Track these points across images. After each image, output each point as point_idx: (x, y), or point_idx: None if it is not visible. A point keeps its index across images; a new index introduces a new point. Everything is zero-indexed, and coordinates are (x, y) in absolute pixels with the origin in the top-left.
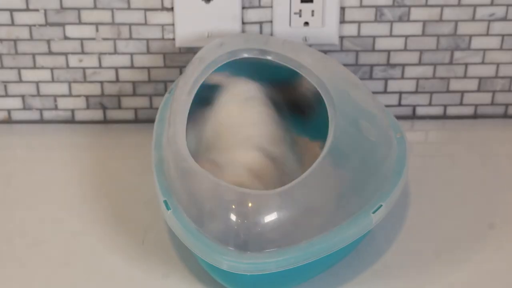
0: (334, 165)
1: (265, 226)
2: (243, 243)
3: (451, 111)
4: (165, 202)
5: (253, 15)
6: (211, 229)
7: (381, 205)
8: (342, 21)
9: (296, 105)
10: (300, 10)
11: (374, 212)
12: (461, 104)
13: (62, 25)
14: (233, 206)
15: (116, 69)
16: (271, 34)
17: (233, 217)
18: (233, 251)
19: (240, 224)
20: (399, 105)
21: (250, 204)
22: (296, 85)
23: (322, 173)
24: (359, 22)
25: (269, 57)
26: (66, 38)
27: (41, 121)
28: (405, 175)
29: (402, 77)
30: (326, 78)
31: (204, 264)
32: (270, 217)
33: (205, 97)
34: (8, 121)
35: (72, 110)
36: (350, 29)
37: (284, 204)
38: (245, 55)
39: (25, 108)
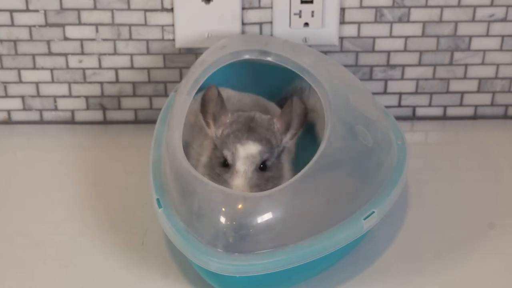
0: (326, 170)
1: (253, 228)
2: (232, 245)
3: (451, 112)
4: (158, 200)
5: (253, 15)
6: (200, 230)
7: (373, 212)
8: (342, 21)
9: None
10: (300, 11)
11: (365, 219)
12: (461, 105)
13: (62, 25)
14: (223, 208)
15: (116, 69)
16: (271, 35)
17: (221, 218)
18: (221, 252)
19: (229, 226)
20: (399, 106)
21: (239, 206)
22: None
23: (313, 177)
24: (359, 23)
25: (269, 58)
26: (66, 38)
27: (41, 121)
28: (401, 182)
29: (402, 78)
30: (326, 81)
31: (194, 264)
32: (258, 219)
33: None
34: (8, 121)
35: (72, 111)
36: (350, 30)
37: (273, 207)
38: (246, 57)
39: (25, 108)
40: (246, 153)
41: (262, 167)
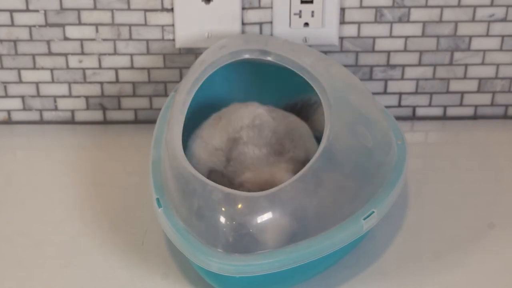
0: (326, 170)
1: (253, 228)
2: (232, 245)
3: (451, 112)
4: (157, 200)
5: (253, 15)
6: (200, 230)
7: (373, 212)
8: (342, 21)
9: None
10: (300, 11)
11: (365, 219)
12: (461, 105)
13: (62, 25)
14: (223, 208)
15: (116, 69)
16: (271, 35)
17: (221, 218)
18: (221, 252)
19: (229, 226)
20: (399, 106)
21: (239, 206)
22: None
23: (313, 177)
24: (359, 23)
25: (269, 58)
26: (66, 38)
27: (41, 121)
28: (401, 182)
29: (402, 78)
30: (326, 81)
31: (194, 264)
32: (258, 219)
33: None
34: (8, 121)
35: (72, 111)
36: (350, 30)
37: (273, 207)
38: (246, 57)
39: (25, 108)
40: None
41: None
